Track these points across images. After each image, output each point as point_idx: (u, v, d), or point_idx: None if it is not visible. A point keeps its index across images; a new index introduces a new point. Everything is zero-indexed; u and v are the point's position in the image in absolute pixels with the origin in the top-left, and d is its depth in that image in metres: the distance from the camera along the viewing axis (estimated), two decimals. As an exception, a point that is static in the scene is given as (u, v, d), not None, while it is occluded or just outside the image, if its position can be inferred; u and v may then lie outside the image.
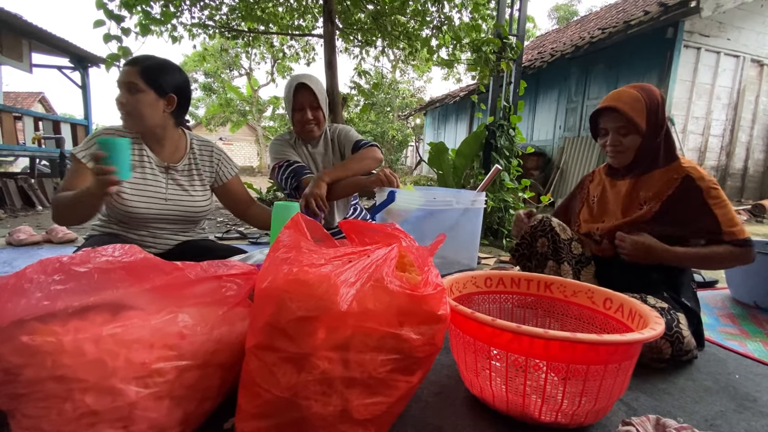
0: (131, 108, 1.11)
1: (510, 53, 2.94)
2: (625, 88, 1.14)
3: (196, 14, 4.06)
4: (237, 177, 1.38)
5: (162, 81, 1.13)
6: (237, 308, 0.71)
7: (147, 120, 1.13)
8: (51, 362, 0.52)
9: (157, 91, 1.12)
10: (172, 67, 1.17)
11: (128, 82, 1.09)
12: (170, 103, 1.16)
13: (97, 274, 0.59)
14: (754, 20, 5.13)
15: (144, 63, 1.12)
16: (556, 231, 1.18)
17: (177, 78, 1.17)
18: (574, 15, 19.40)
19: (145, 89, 1.10)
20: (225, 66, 15.81)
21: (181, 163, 1.25)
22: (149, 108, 1.12)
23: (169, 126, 1.21)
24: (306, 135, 1.56)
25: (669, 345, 0.94)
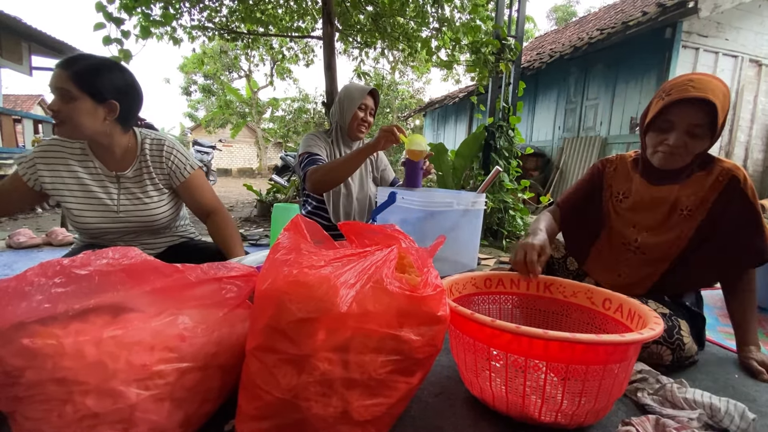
0: (65, 116, 0.98)
1: (509, 54, 2.95)
2: (708, 77, 0.93)
3: (195, 16, 4.07)
4: (195, 179, 1.21)
5: (99, 86, 0.99)
6: (237, 310, 0.71)
7: (84, 129, 1.00)
8: (52, 365, 0.52)
9: (95, 97, 0.98)
10: (111, 67, 1.02)
11: (59, 87, 0.96)
12: (111, 111, 1.03)
13: (98, 276, 0.59)
14: (752, 20, 5.14)
15: (76, 65, 0.97)
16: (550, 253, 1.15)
17: (117, 80, 1.03)
18: (573, 16, 19.45)
19: (79, 96, 0.96)
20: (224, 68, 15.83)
21: (131, 169, 1.13)
22: (86, 117, 0.98)
23: (116, 133, 1.08)
24: (357, 134, 1.72)
25: (670, 352, 0.94)
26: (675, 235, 1.02)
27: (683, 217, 1.02)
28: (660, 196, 1.04)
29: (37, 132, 5.56)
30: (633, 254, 1.09)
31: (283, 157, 5.95)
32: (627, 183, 1.12)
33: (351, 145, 1.77)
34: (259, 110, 16.24)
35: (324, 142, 1.70)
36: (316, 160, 1.59)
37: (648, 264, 1.07)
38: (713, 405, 0.74)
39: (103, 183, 1.12)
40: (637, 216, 1.08)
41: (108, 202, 1.12)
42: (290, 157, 5.79)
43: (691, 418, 0.72)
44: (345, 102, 1.67)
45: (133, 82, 1.08)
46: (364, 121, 1.68)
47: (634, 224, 1.09)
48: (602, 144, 5.79)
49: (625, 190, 1.12)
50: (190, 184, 1.20)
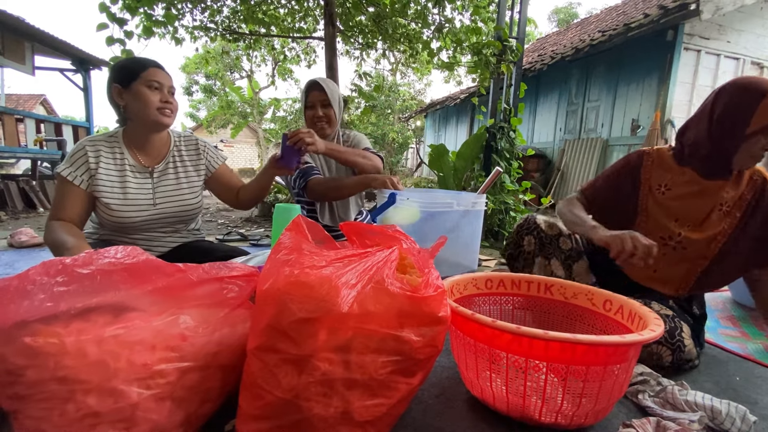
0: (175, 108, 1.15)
1: (510, 56, 2.95)
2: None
3: (197, 17, 4.08)
4: (225, 164, 1.37)
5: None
6: (238, 310, 0.71)
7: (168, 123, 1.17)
8: (53, 363, 0.52)
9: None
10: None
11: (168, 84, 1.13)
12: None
13: (100, 275, 0.59)
14: (753, 23, 5.14)
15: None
16: (541, 228, 1.17)
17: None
18: (575, 18, 19.46)
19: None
20: (226, 68, 15.85)
21: (163, 162, 1.21)
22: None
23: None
24: (317, 132, 1.62)
25: (670, 353, 0.94)
26: (717, 231, 1.02)
27: (723, 213, 1.03)
28: (708, 191, 1.04)
29: (39, 131, 5.58)
30: (672, 249, 1.06)
31: (284, 158, 5.94)
32: (668, 175, 1.10)
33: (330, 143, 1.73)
34: (260, 110, 16.26)
35: None
36: (312, 169, 1.61)
37: (686, 261, 1.05)
38: (714, 407, 0.74)
39: (139, 178, 1.18)
40: (681, 209, 1.07)
41: (144, 195, 1.17)
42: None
43: (692, 421, 0.72)
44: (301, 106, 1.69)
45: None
46: (318, 117, 1.62)
47: (677, 217, 1.07)
48: (603, 146, 5.79)
49: (667, 182, 1.10)
50: (223, 170, 1.35)
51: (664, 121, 4.99)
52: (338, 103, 1.66)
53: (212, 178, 1.32)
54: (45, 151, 5.44)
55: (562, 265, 1.15)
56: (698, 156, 1.05)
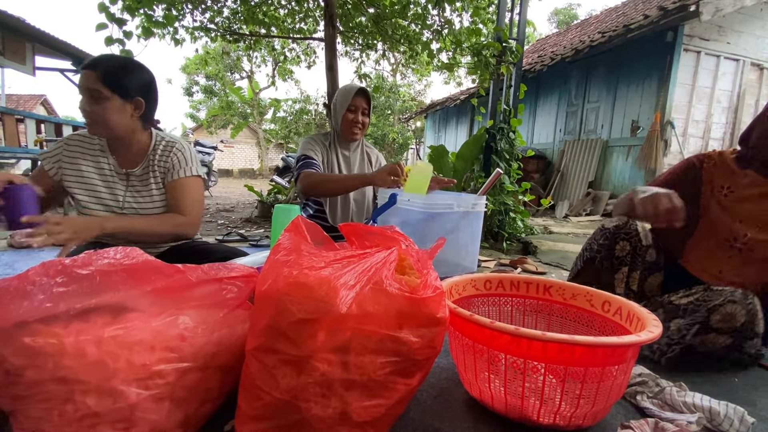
0: (97, 116, 1.03)
1: (510, 57, 2.96)
2: None
3: (197, 17, 4.09)
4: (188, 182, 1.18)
5: (126, 84, 1.04)
6: (237, 311, 0.71)
7: (115, 127, 1.06)
8: (53, 364, 0.52)
9: (123, 95, 1.04)
10: (136, 67, 1.08)
11: (90, 88, 1.01)
12: (138, 107, 1.09)
13: (99, 276, 0.59)
14: (753, 24, 5.15)
15: (103, 65, 1.02)
16: (640, 237, 1.10)
17: (141, 78, 1.08)
18: (574, 19, 19.48)
19: (109, 96, 1.02)
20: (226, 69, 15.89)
21: (140, 167, 1.17)
22: (116, 115, 1.04)
23: (138, 130, 1.14)
24: (350, 135, 1.69)
25: (744, 313, 0.92)
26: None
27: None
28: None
29: (39, 132, 5.58)
30: (738, 252, 1.06)
31: (284, 158, 5.97)
32: (731, 178, 1.10)
33: (348, 147, 1.76)
34: (260, 111, 16.29)
35: (321, 145, 1.71)
36: (311, 164, 1.60)
37: (751, 263, 1.04)
38: (712, 409, 0.74)
39: (112, 181, 1.16)
40: (746, 210, 1.06)
41: (113, 199, 1.16)
42: (291, 158, 5.80)
43: (690, 422, 0.72)
44: (337, 104, 1.68)
45: (154, 79, 1.14)
46: (356, 122, 1.65)
47: (741, 219, 1.07)
48: (603, 146, 5.80)
49: (729, 184, 1.10)
50: (178, 183, 1.17)
51: (663, 122, 5.00)
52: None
53: (168, 188, 1.18)
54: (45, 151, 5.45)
55: (639, 277, 1.11)
56: (760, 158, 1.05)
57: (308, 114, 15.65)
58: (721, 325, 0.94)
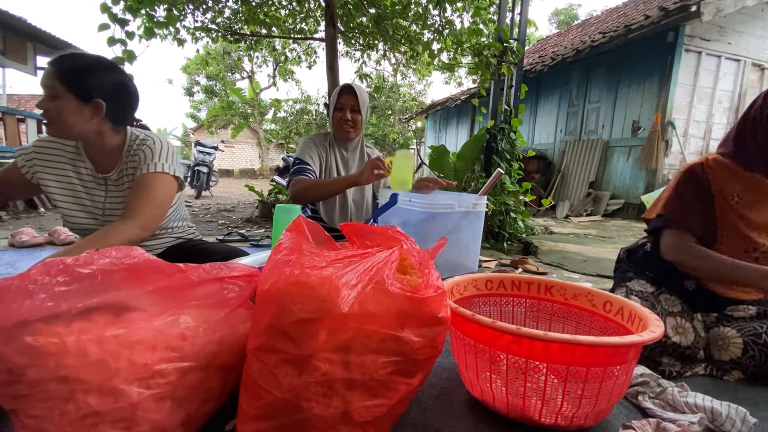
0: (52, 115, 0.98)
1: (511, 57, 2.95)
2: None
3: (199, 18, 4.09)
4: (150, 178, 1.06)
5: (85, 84, 0.98)
6: (239, 310, 0.71)
7: (71, 128, 1.00)
8: (54, 363, 0.52)
9: (80, 96, 0.97)
10: (100, 66, 1.01)
11: (47, 85, 0.96)
12: (97, 110, 1.00)
13: (101, 275, 0.59)
14: (754, 24, 5.14)
15: (64, 64, 0.97)
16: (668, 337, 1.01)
17: (106, 79, 1.01)
18: (575, 19, 19.48)
19: (63, 94, 0.96)
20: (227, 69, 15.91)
21: (116, 170, 1.11)
22: (71, 116, 0.98)
23: (107, 132, 1.06)
24: (342, 133, 1.68)
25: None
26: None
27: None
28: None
29: (40, 131, 5.59)
30: (755, 261, 1.03)
31: (284, 158, 5.97)
32: (736, 183, 1.06)
33: (347, 147, 1.76)
34: (261, 111, 16.30)
35: (319, 147, 1.71)
36: (303, 170, 1.61)
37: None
38: (714, 409, 0.74)
39: (91, 185, 1.12)
40: (760, 217, 1.03)
41: (93, 204, 1.12)
42: (291, 158, 5.81)
43: (692, 422, 0.72)
44: (329, 106, 1.70)
45: (124, 81, 1.06)
46: (345, 120, 1.65)
47: (755, 227, 1.04)
48: (604, 147, 5.79)
49: (738, 191, 1.05)
50: (138, 180, 1.06)
51: (664, 123, 4.99)
52: (366, 109, 1.69)
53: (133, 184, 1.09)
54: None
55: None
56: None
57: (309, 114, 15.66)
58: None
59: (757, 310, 1.02)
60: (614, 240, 3.48)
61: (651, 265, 1.17)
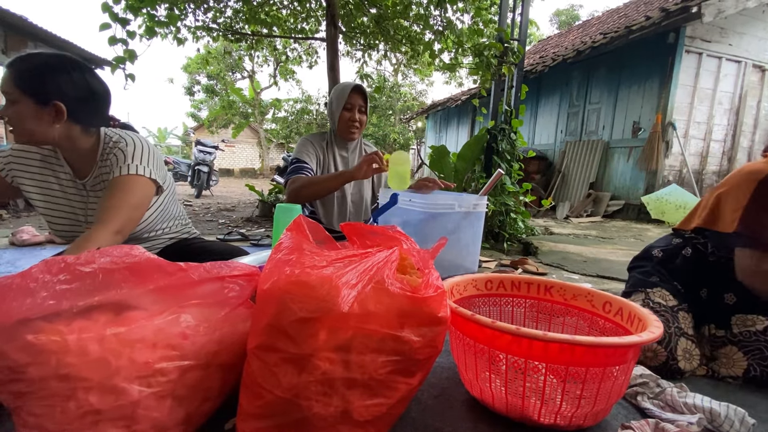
0: (13, 121, 0.93)
1: (512, 57, 2.96)
2: None
3: (200, 17, 4.09)
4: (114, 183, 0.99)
5: (40, 87, 0.91)
6: (239, 309, 0.71)
7: (33, 134, 0.94)
8: (55, 361, 0.53)
9: (37, 99, 0.91)
10: (57, 66, 0.94)
11: (4, 90, 0.90)
12: (58, 112, 0.94)
13: (102, 274, 0.59)
14: (755, 26, 5.14)
15: (19, 66, 0.91)
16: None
17: (63, 80, 0.94)
18: (576, 20, 19.47)
19: (20, 98, 0.90)
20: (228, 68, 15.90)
21: (91, 175, 1.06)
22: (30, 121, 0.92)
23: (75, 135, 1.00)
24: (347, 134, 1.65)
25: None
26: None
27: None
28: None
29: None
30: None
31: (285, 158, 5.98)
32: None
33: (346, 147, 1.73)
34: (261, 111, 16.30)
35: (317, 146, 1.67)
36: (300, 168, 1.58)
37: None
38: (713, 410, 0.74)
39: (71, 191, 1.08)
40: None
41: (74, 211, 1.08)
42: (291, 157, 5.81)
43: (691, 423, 0.72)
44: (333, 103, 1.64)
45: (86, 80, 0.98)
46: (353, 120, 1.62)
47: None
48: (604, 148, 5.79)
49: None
50: (110, 185, 0.99)
51: (665, 124, 4.99)
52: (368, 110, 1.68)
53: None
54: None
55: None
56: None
57: (309, 114, 15.66)
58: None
59: (766, 326, 1.00)
60: (614, 241, 3.48)
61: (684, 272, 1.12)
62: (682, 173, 5.22)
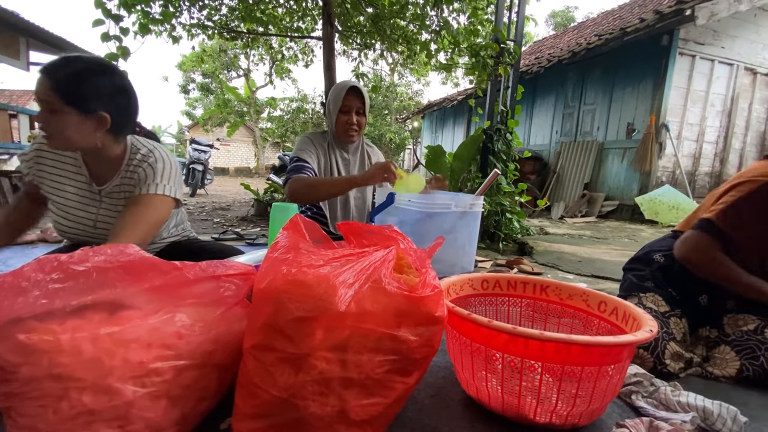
0: (52, 130, 0.90)
1: (508, 58, 2.97)
2: None
3: (195, 14, 4.06)
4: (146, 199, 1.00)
5: (86, 96, 0.89)
6: (235, 308, 0.71)
7: (74, 143, 0.93)
8: (48, 361, 0.52)
9: (82, 109, 0.89)
10: (100, 72, 0.91)
11: (43, 99, 0.87)
12: (101, 123, 0.93)
13: (95, 273, 0.59)
14: (747, 29, 5.21)
15: (59, 73, 0.86)
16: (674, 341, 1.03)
17: (107, 87, 0.92)
18: (571, 21, 19.59)
19: (63, 108, 0.87)
20: (223, 67, 15.82)
21: (111, 183, 1.06)
22: (73, 131, 0.90)
23: (108, 144, 0.99)
24: (346, 138, 1.58)
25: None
26: None
27: None
28: None
29: (33, 128, 5.53)
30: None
31: (280, 157, 5.95)
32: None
33: (347, 149, 1.68)
34: (257, 109, 16.23)
35: (318, 147, 1.61)
36: (302, 168, 1.51)
37: None
38: (706, 408, 0.75)
39: (85, 194, 1.07)
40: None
41: (85, 215, 1.08)
42: (288, 156, 5.79)
43: (685, 421, 0.73)
44: (330, 106, 1.57)
45: (125, 85, 0.97)
46: (350, 123, 1.55)
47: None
48: (599, 149, 5.83)
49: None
50: (135, 200, 1.00)
51: (659, 125, 5.04)
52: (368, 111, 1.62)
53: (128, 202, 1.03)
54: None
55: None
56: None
57: (305, 113, 15.60)
58: None
59: (757, 325, 1.02)
60: (608, 241, 3.51)
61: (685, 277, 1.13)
62: (675, 174, 5.27)
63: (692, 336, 1.12)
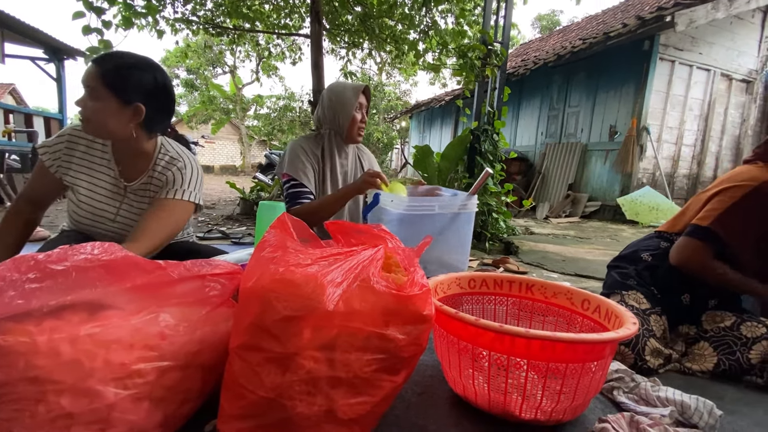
0: (90, 114, 0.96)
1: (495, 59, 3.00)
2: None
3: (179, 9, 3.98)
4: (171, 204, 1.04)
5: (127, 86, 0.95)
6: (220, 308, 0.70)
7: (108, 130, 0.98)
8: (24, 363, 0.50)
9: (121, 98, 0.95)
10: (145, 68, 0.99)
11: (88, 85, 0.94)
12: (137, 114, 0.98)
13: (75, 272, 0.57)
14: (723, 36, 5.39)
15: (109, 63, 0.95)
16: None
17: (149, 82, 0.99)
18: (557, 25, 19.93)
19: (105, 96, 0.94)
20: (208, 63, 15.54)
21: (138, 181, 1.09)
22: (110, 118, 0.96)
23: (141, 138, 1.03)
24: (357, 138, 1.58)
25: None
26: None
27: None
28: None
29: (8, 122, 5.33)
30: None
31: (267, 156, 5.88)
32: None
33: (346, 151, 1.62)
34: (243, 107, 15.99)
35: (311, 156, 1.54)
36: (300, 195, 1.47)
37: None
38: (684, 402, 0.77)
39: (110, 188, 1.09)
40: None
41: (108, 208, 1.09)
42: (275, 155, 5.72)
43: (664, 415, 0.75)
44: (338, 105, 1.51)
45: (166, 85, 1.03)
46: (363, 122, 1.55)
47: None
48: (583, 150, 5.95)
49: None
50: (161, 202, 1.04)
51: (640, 128, 5.17)
52: None
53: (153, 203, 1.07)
54: (14, 143, 5.20)
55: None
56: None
57: (292, 111, 15.45)
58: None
59: (733, 321, 1.06)
60: (591, 241, 3.59)
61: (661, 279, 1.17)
62: (655, 176, 5.42)
63: (672, 333, 1.15)
